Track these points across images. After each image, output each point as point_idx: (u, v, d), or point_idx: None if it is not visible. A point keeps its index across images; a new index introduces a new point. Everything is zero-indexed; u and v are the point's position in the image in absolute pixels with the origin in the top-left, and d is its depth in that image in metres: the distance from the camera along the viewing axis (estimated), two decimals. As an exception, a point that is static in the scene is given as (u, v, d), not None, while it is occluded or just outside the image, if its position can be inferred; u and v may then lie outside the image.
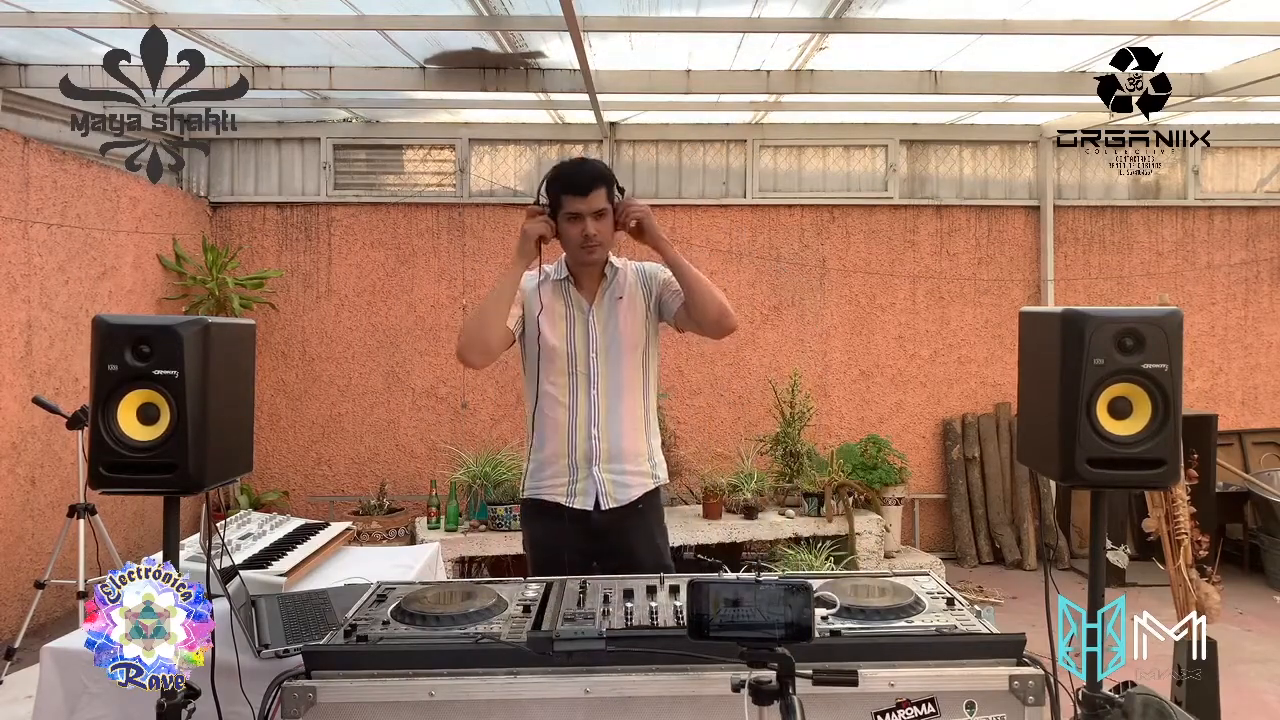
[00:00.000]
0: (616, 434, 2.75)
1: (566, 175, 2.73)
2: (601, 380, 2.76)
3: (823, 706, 1.64)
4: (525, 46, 5.01)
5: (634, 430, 2.77)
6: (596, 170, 2.74)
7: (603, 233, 2.73)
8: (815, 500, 5.73)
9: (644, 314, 2.80)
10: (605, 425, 2.74)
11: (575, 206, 2.70)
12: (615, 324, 2.78)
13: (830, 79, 5.41)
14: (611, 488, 2.74)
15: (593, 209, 2.70)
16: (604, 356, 2.77)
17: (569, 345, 2.77)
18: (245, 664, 1.91)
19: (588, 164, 2.77)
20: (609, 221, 2.74)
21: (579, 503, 2.74)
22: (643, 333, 2.80)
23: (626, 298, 2.80)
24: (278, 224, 6.87)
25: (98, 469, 1.77)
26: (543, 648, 1.69)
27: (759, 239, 6.85)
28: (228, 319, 2.29)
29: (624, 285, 2.82)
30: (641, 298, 2.82)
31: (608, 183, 2.73)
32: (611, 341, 2.77)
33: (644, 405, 2.82)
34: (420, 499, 6.28)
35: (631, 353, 2.78)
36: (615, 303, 2.80)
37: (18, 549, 4.95)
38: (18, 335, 4.91)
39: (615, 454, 2.75)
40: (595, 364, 2.76)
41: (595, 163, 2.80)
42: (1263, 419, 6.93)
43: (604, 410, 2.75)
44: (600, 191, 2.70)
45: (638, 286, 2.83)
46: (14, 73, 5.13)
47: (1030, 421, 1.99)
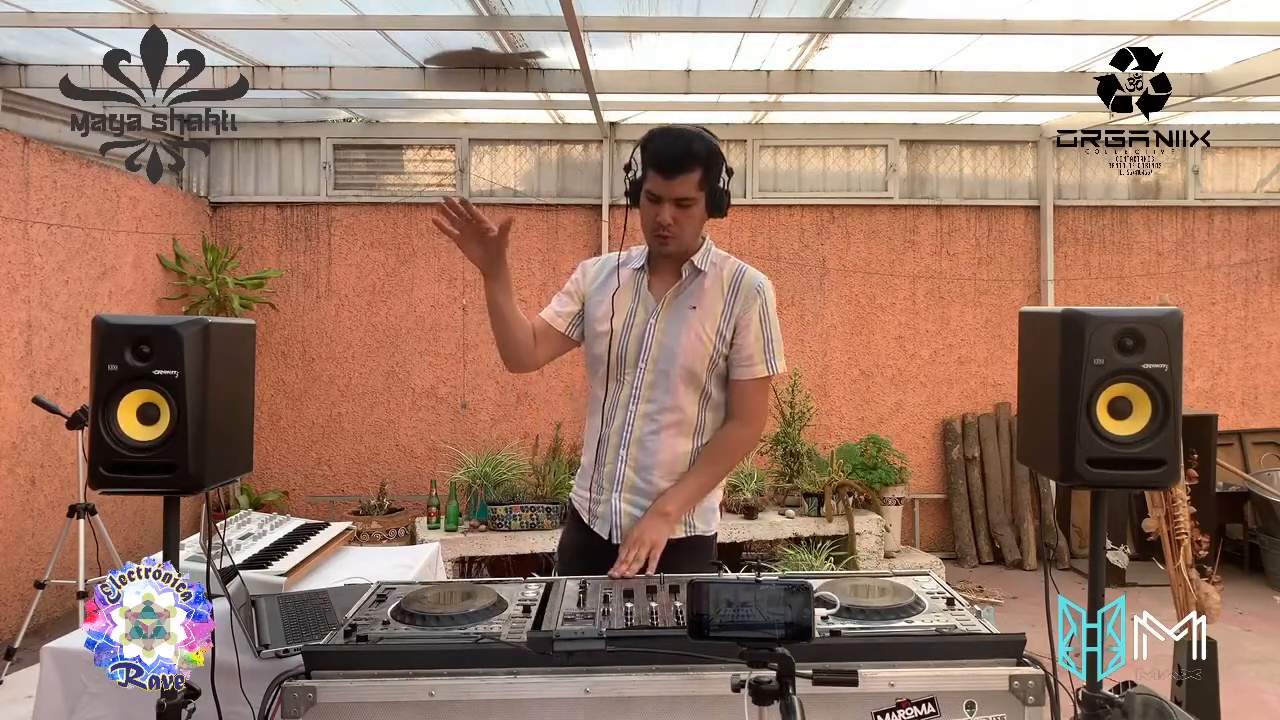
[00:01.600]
0: (648, 466, 2.33)
1: (656, 146, 2.25)
2: (643, 400, 2.34)
3: (823, 706, 1.64)
4: (525, 46, 5.01)
5: (671, 468, 2.34)
6: (692, 148, 2.23)
7: (683, 223, 2.27)
8: (815, 500, 5.73)
9: (713, 335, 2.30)
10: (635, 452, 2.34)
11: (656, 186, 2.25)
12: (677, 335, 2.31)
13: (830, 79, 5.41)
14: (628, 522, 2.34)
15: (674, 195, 2.24)
16: (652, 372, 2.32)
17: (621, 345, 2.35)
18: (245, 664, 1.91)
19: (684, 137, 2.25)
20: (697, 211, 2.28)
21: (597, 526, 2.40)
22: (706, 356, 2.30)
23: (703, 307, 2.32)
24: (278, 224, 6.87)
25: (98, 469, 1.77)
26: (543, 648, 1.68)
27: (759, 239, 6.85)
28: (228, 319, 2.29)
29: (702, 292, 2.34)
30: (722, 313, 2.32)
31: (705, 164, 2.24)
32: (666, 354, 2.32)
33: (693, 442, 2.36)
34: (420, 499, 6.28)
35: (687, 377, 2.31)
36: (686, 311, 2.33)
37: (18, 549, 4.95)
38: (18, 335, 4.91)
39: (643, 489, 2.34)
40: (641, 378, 2.33)
41: (696, 138, 2.25)
42: (1263, 419, 6.93)
43: (637, 434, 2.34)
44: (692, 176, 2.23)
45: (722, 298, 2.33)
46: (14, 73, 5.13)
47: (1030, 421, 1.98)
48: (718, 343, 2.31)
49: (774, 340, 2.35)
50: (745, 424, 2.36)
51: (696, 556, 2.35)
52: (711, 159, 2.25)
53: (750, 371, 2.33)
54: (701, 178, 2.25)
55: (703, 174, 2.24)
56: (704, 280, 2.36)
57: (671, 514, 2.27)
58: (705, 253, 2.38)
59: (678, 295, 2.36)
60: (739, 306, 2.33)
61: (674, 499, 2.29)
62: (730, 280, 2.35)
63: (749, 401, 2.35)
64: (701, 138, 2.27)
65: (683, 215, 2.27)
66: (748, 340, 2.32)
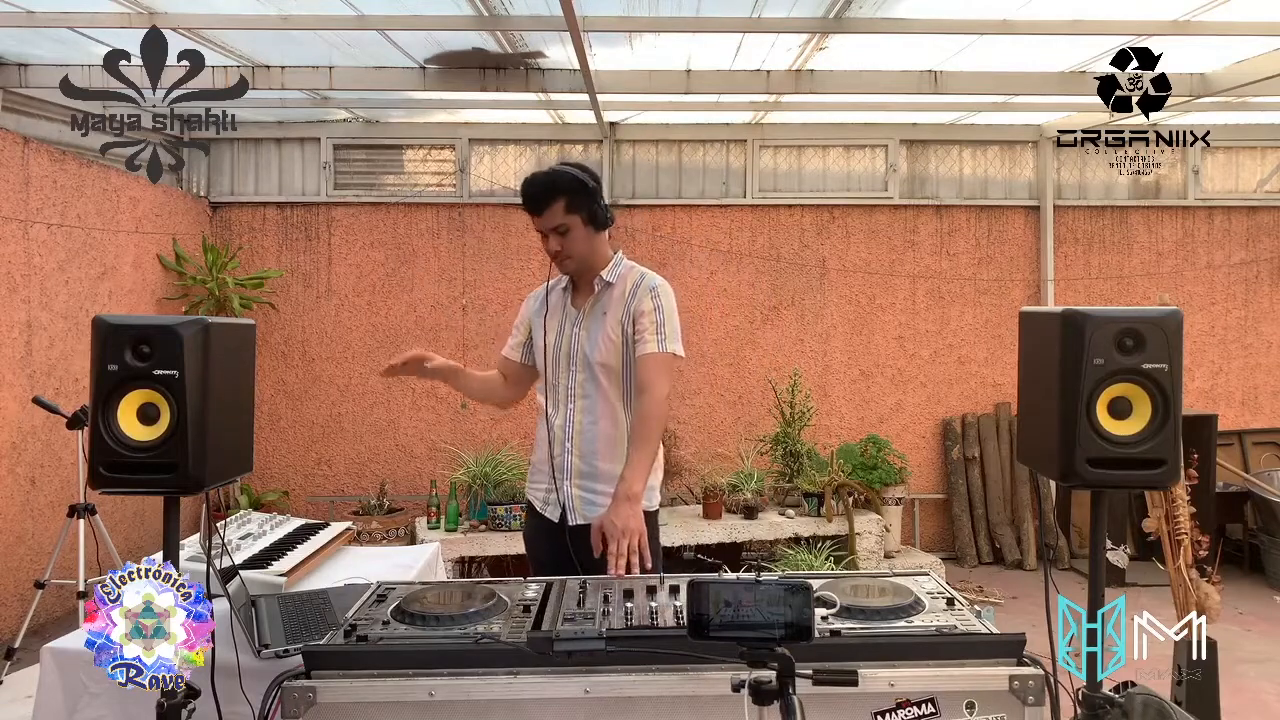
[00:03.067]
0: (591, 452, 2.67)
1: (522, 191, 2.65)
2: (579, 396, 2.69)
3: (823, 706, 1.64)
4: (525, 46, 5.01)
5: (610, 450, 2.66)
6: (549, 182, 2.61)
7: (569, 246, 2.63)
8: (815, 500, 5.73)
9: (619, 336, 2.66)
10: (579, 442, 2.68)
11: (534, 224, 2.65)
12: (595, 340, 2.67)
13: (830, 79, 5.41)
14: (579, 504, 2.67)
15: (549, 226, 2.61)
16: (582, 372, 2.68)
17: (555, 355, 2.73)
18: (245, 664, 1.91)
19: (539, 177, 2.63)
20: (576, 235, 2.62)
21: (549, 512, 2.73)
22: (618, 355, 2.66)
23: (610, 313, 2.68)
24: (278, 224, 6.87)
25: (98, 469, 1.77)
26: (543, 648, 1.69)
27: (759, 239, 6.85)
28: (228, 319, 2.29)
29: (612, 300, 2.69)
30: (619, 319, 2.67)
31: (567, 193, 2.59)
32: (588, 358, 2.67)
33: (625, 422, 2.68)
34: (420, 499, 6.28)
35: (607, 372, 2.66)
36: (600, 317, 2.69)
37: (18, 549, 4.95)
38: (18, 335, 4.91)
39: (588, 473, 2.67)
40: (574, 378, 2.69)
41: (551, 174, 2.64)
42: (1263, 419, 6.93)
43: (579, 426, 2.68)
44: (555, 206, 2.59)
45: (623, 301, 2.68)
46: (14, 73, 5.13)
47: (1030, 421, 1.99)
48: (623, 335, 2.66)
49: (665, 324, 2.65)
50: (647, 396, 2.60)
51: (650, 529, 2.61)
52: (572, 187, 2.60)
53: (642, 348, 2.62)
54: (566, 204, 2.60)
55: (567, 201, 2.60)
56: (613, 290, 2.71)
57: (638, 493, 2.46)
58: (614, 267, 2.73)
59: (594, 306, 2.72)
60: (635, 301, 2.66)
61: (634, 479, 2.48)
62: (632, 285, 2.70)
63: (647, 376, 2.62)
64: (559, 173, 2.63)
65: (565, 240, 2.63)
66: (642, 324, 2.63)
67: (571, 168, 2.66)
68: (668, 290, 2.70)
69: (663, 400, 2.59)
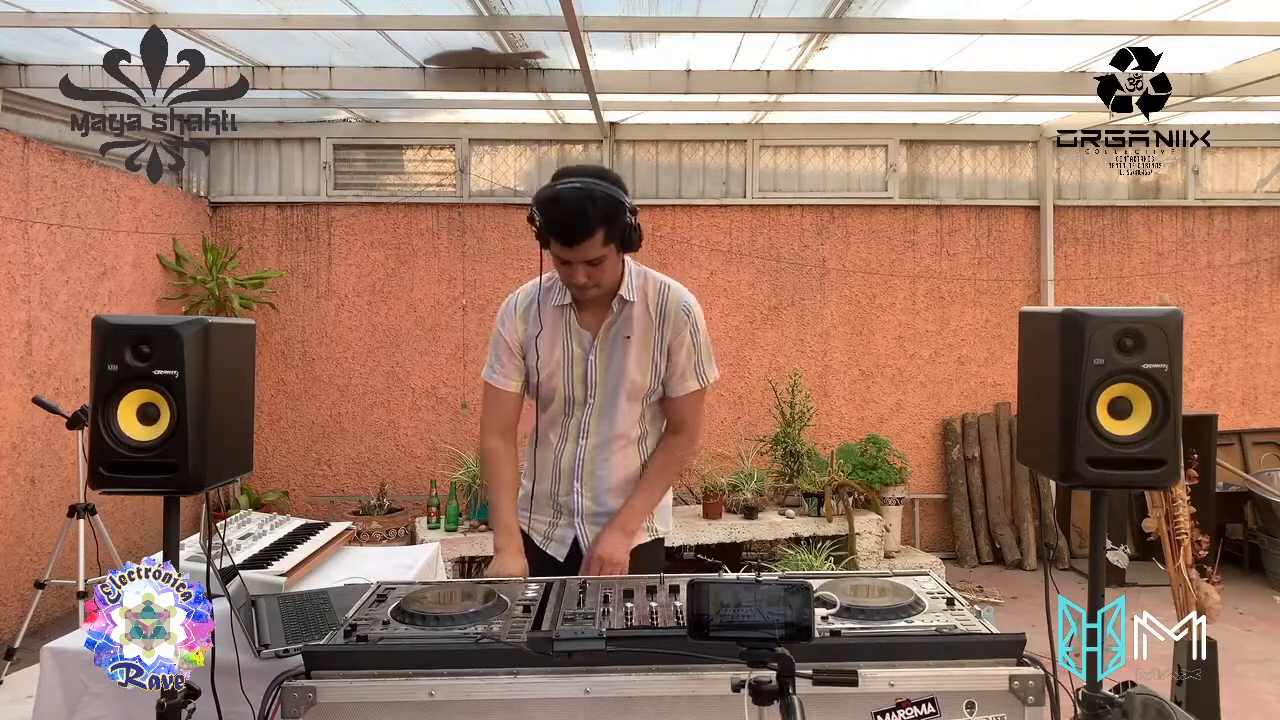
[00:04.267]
0: (605, 492, 2.44)
1: (551, 216, 2.16)
2: (592, 433, 2.41)
3: (823, 706, 1.64)
4: (525, 46, 5.01)
5: (625, 484, 2.44)
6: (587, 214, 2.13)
7: (598, 277, 2.25)
8: (815, 500, 5.73)
9: (650, 360, 2.34)
10: (591, 483, 2.44)
11: (561, 252, 2.21)
12: (618, 367, 2.35)
13: (830, 79, 5.41)
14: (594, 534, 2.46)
15: (581, 259, 2.20)
16: (600, 404, 2.38)
17: (566, 386, 2.39)
18: (245, 664, 1.91)
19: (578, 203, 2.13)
20: (609, 264, 2.24)
21: (553, 550, 2.49)
22: (648, 380, 2.36)
23: (636, 336, 2.34)
24: (278, 224, 6.87)
25: (98, 469, 1.77)
26: (543, 648, 1.68)
27: (759, 239, 6.85)
28: (228, 319, 2.29)
29: (634, 321, 2.34)
30: (654, 340, 2.34)
31: (605, 220, 2.16)
32: (612, 389, 2.37)
33: (640, 454, 2.46)
34: (420, 499, 6.28)
35: (632, 400, 2.38)
36: (622, 342, 2.35)
37: (18, 549, 4.95)
38: (18, 335, 4.91)
39: (603, 513, 2.45)
40: (589, 413, 2.40)
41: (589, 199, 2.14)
42: (1263, 419, 6.93)
43: (589, 467, 2.43)
44: (595, 238, 2.16)
45: (652, 325, 2.34)
46: (14, 73, 5.13)
47: (1030, 421, 1.98)
48: (654, 370, 2.36)
49: (704, 356, 2.41)
50: (686, 436, 2.46)
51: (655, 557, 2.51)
52: (611, 214, 2.17)
53: (684, 387, 2.40)
54: (605, 234, 2.19)
55: (606, 231, 2.18)
56: (633, 309, 2.36)
57: (633, 531, 2.38)
58: (629, 282, 2.36)
59: (611, 328, 2.36)
60: (669, 332, 2.35)
61: (633, 517, 2.38)
62: (657, 305, 2.36)
63: (686, 415, 2.44)
64: (593, 197, 2.15)
65: (595, 271, 2.24)
66: (679, 359, 2.36)
67: (603, 183, 2.20)
68: (698, 308, 2.41)
69: (698, 440, 2.45)
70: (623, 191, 2.23)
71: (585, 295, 2.32)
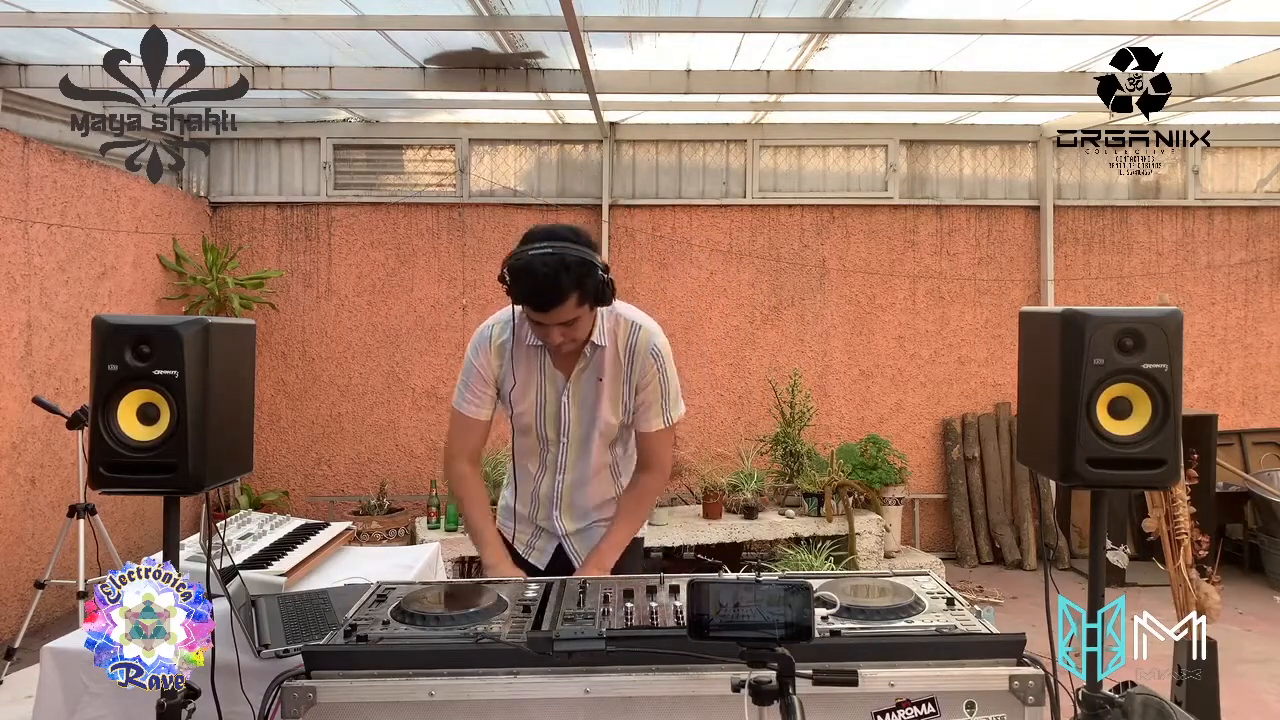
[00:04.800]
0: (584, 512, 2.58)
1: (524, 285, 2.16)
2: (569, 468, 2.51)
3: (823, 706, 1.64)
4: (525, 46, 5.01)
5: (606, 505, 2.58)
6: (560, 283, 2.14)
7: (575, 334, 2.29)
8: (815, 500, 5.73)
9: (621, 399, 2.42)
10: (567, 506, 2.56)
11: (535, 316, 2.24)
12: (590, 410, 2.43)
13: (830, 79, 5.41)
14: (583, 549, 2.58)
15: (555, 323, 2.23)
16: (575, 443, 2.48)
17: (539, 426, 2.48)
18: (245, 664, 1.91)
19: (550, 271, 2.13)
20: (585, 321, 2.29)
21: (535, 559, 2.61)
22: (620, 418, 2.45)
23: (608, 379, 2.40)
24: (278, 224, 6.87)
25: (98, 469, 1.77)
26: (543, 648, 1.68)
27: (759, 239, 6.85)
28: (228, 319, 2.29)
29: (605, 364, 2.40)
30: (624, 381, 2.41)
31: (578, 285, 2.17)
32: (585, 430, 2.46)
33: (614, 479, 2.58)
34: (420, 499, 6.28)
35: (605, 438, 2.47)
36: (594, 385, 2.41)
37: (18, 549, 4.95)
38: (18, 335, 4.91)
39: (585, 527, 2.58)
40: (565, 449, 2.49)
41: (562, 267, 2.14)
42: (1263, 419, 6.93)
43: (567, 497, 2.55)
44: (566, 305, 2.18)
45: (622, 368, 2.40)
46: (14, 73, 5.13)
47: (1030, 421, 1.98)
48: (624, 410, 2.45)
49: (670, 394, 2.46)
50: (653, 473, 2.53)
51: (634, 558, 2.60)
52: (584, 277, 2.18)
53: (650, 425, 2.47)
54: (577, 299, 2.20)
55: (578, 296, 2.20)
56: (604, 353, 2.40)
57: (607, 568, 2.42)
58: (601, 326, 2.37)
59: (584, 372, 2.42)
60: (636, 374, 2.41)
61: (608, 554, 2.44)
62: (626, 349, 2.40)
63: (653, 451, 2.51)
64: (566, 264, 2.15)
65: (570, 331, 2.28)
66: (646, 398, 2.43)
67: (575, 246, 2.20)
68: (667, 349, 2.44)
69: (667, 475, 2.51)
70: (594, 251, 2.25)
71: (562, 351, 2.37)
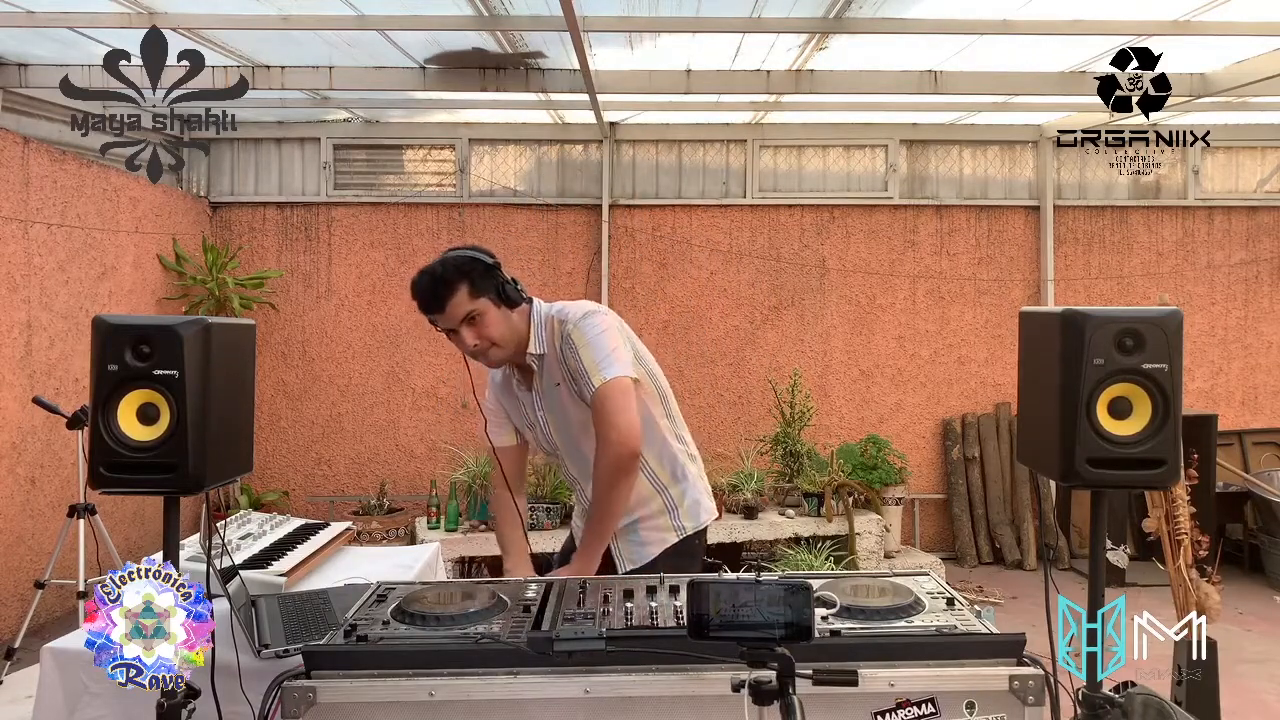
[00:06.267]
0: None
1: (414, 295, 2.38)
2: (572, 466, 2.62)
3: (823, 706, 1.64)
4: (525, 46, 5.01)
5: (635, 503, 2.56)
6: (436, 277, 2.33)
7: (486, 335, 2.39)
8: (815, 500, 5.73)
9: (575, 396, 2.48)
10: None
11: (440, 324, 2.39)
12: (562, 414, 2.53)
13: (830, 79, 5.41)
14: (626, 550, 2.58)
15: (458, 319, 2.36)
16: (566, 446, 2.58)
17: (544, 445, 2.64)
18: (245, 664, 1.90)
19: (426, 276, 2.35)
20: (491, 318, 2.37)
21: None
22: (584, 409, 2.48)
23: (562, 380, 2.50)
24: (278, 224, 6.87)
25: (98, 469, 1.77)
26: (543, 648, 1.68)
27: (759, 239, 6.85)
28: (228, 319, 2.29)
29: (553, 368, 2.50)
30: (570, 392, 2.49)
31: (462, 279, 2.33)
32: (567, 436, 2.56)
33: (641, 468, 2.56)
34: (420, 499, 6.28)
35: (583, 432, 2.51)
36: (554, 390, 2.51)
37: (18, 549, 4.95)
38: (18, 335, 4.91)
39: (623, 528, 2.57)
40: (562, 453, 2.60)
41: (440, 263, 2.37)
42: (1263, 419, 6.93)
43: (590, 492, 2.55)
44: (458, 295, 2.33)
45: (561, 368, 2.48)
46: (14, 73, 5.13)
47: (1030, 421, 1.98)
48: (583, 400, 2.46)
49: (590, 359, 2.41)
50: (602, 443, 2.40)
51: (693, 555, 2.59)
52: (467, 272, 2.35)
53: (588, 389, 2.42)
54: (468, 290, 2.35)
55: (467, 287, 2.34)
56: (548, 360, 2.51)
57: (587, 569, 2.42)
58: (538, 336, 2.48)
59: (542, 381, 2.53)
60: (565, 354, 2.46)
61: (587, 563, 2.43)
62: (559, 345, 2.47)
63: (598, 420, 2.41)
64: (444, 263, 2.37)
65: (480, 328, 2.38)
66: (579, 369, 2.44)
67: (463, 250, 2.43)
68: (579, 322, 2.44)
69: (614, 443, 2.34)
70: (489, 255, 2.43)
71: (490, 359, 2.45)
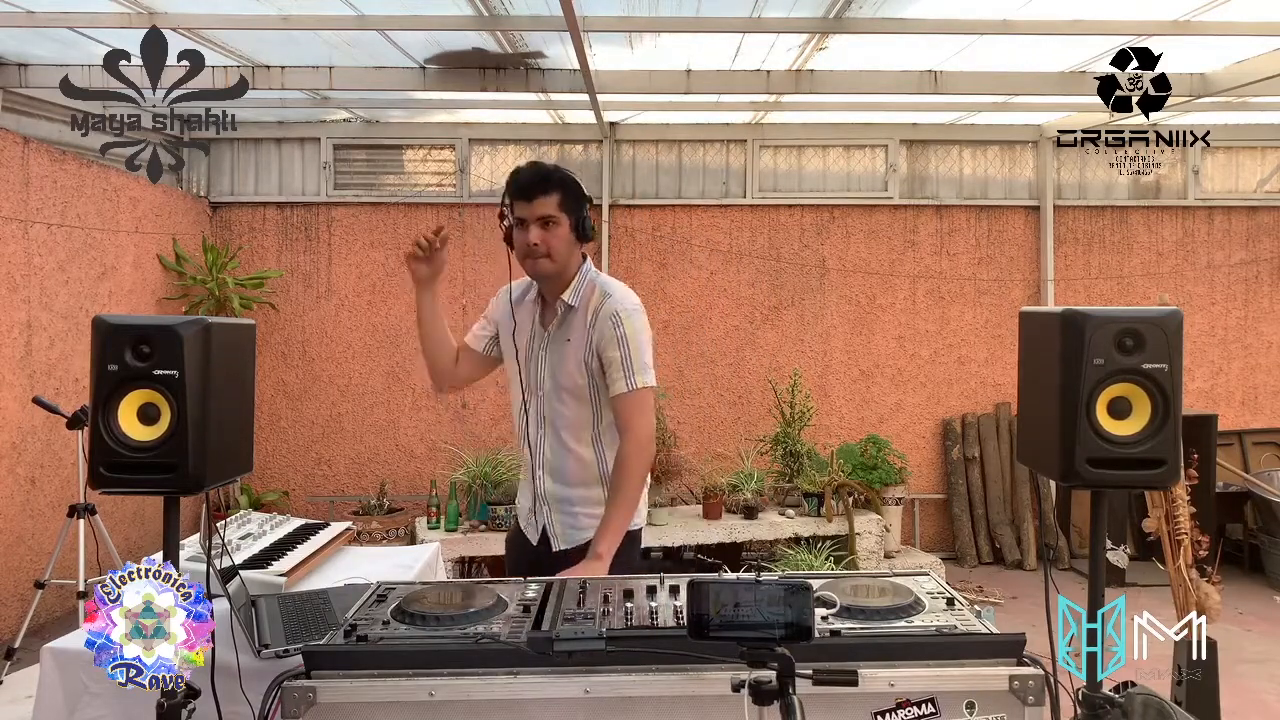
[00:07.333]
0: (563, 480, 2.59)
1: (514, 177, 2.52)
2: (547, 423, 2.60)
3: (823, 706, 1.64)
4: (525, 46, 5.01)
5: (582, 475, 2.59)
6: (546, 173, 2.50)
7: (549, 243, 2.49)
8: (815, 500, 5.73)
9: (583, 364, 2.53)
10: (550, 469, 2.60)
11: (520, 211, 2.50)
12: (559, 364, 2.56)
13: (830, 79, 5.41)
14: (560, 528, 2.60)
15: (537, 215, 2.48)
16: (549, 396, 2.58)
17: (526, 376, 2.63)
18: (245, 664, 1.90)
19: (540, 166, 2.54)
20: (562, 233, 2.50)
21: (529, 532, 2.68)
22: (584, 380, 2.54)
23: (575, 340, 2.54)
24: (278, 224, 6.87)
25: (98, 469, 1.77)
26: (543, 648, 1.68)
27: (759, 239, 6.85)
28: (228, 319, 2.29)
29: (573, 326, 2.56)
30: (584, 347, 2.53)
31: (562, 188, 2.50)
32: (554, 383, 2.57)
33: (595, 448, 2.59)
34: (420, 499, 6.28)
35: (574, 402, 2.56)
36: (563, 344, 2.57)
37: (18, 549, 4.95)
38: (18, 335, 4.91)
39: (565, 498, 2.60)
40: (543, 405, 2.60)
41: (552, 167, 2.54)
42: (1263, 419, 6.93)
43: (548, 454, 2.60)
44: (550, 197, 2.48)
45: (586, 330, 2.53)
46: (14, 73, 5.13)
47: (1030, 421, 1.98)
48: (587, 370, 2.54)
49: (632, 360, 2.50)
50: (630, 439, 2.50)
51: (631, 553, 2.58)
52: (570, 185, 2.52)
53: (615, 389, 2.51)
54: (561, 199, 2.49)
55: (562, 196, 2.49)
56: (575, 315, 2.57)
57: (604, 555, 2.40)
58: (577, 288, 2.58)
59: (558, 329, 2.59)
60: (596, 335, 2.53)
61: (604, 539, 2.42)
62: (592, 312, 2.54)
63: (624, 418, 2.51)
64: (560, 169, 2.54)
65: (548, 235, 2.49)
66: (608, 358, 2.51)
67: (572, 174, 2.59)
68: (631, 314, 2.54)
69: (645, 442, 2.47)
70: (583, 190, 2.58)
71: (539, 267, 2.52)
